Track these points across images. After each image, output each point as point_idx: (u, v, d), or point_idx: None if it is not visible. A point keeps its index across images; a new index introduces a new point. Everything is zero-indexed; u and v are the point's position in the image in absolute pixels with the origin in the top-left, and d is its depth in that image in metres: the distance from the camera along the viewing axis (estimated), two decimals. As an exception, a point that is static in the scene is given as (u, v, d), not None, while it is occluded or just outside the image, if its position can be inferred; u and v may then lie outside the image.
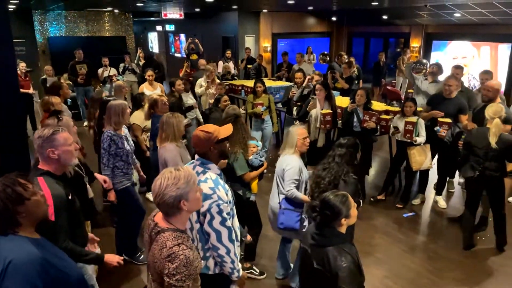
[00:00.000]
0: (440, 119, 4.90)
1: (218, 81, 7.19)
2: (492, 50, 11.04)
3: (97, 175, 3.56)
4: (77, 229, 2.45)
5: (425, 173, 5.51)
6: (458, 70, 5.53)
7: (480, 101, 4.93)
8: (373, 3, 9.50)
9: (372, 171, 6.60)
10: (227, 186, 2.35)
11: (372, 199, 5.57)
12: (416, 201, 5.51)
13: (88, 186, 3.40)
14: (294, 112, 6.08)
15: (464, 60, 11.41)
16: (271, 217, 3.67)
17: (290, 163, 3.39)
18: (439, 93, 5.26)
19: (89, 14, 13.58)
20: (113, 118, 3.74)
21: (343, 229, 2.24)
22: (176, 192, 1.77)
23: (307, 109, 5.46)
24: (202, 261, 2.27)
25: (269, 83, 8.19)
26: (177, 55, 18.04)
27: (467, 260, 4.24)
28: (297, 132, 3.47)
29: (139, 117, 4.76)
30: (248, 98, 6.43)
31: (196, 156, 2.39)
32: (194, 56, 11.09)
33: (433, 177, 5.68)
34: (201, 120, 6.32)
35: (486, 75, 5.26)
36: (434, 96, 5.33)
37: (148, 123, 4.75)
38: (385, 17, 12.47)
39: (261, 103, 6.13)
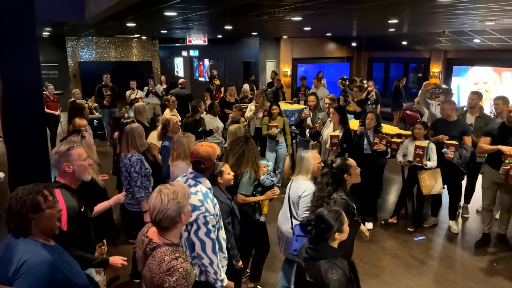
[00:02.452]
0: (446, 141, 4.93)
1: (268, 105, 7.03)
2: (514, 75, 10.91)
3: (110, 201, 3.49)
4: (86, 239, 2.62)
5: (438, 197, 5.48)
6: (473, 95, 5.51)
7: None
8: (390, 30, 9.65)
9: (384, 194, 6.61)
10: (215, 200, 2.52)
11: (383, 222, 5.57)
12: (428, 223, 5.48)
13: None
14: (307, 134, 6.22)
15: (485, 85, 11.31)
16: (281, 240, 3.61)
17: (307, 190, 3.37)
18: (441, 117, 5.32)
19: (118, 40, 14.33)
20: (138, 141, 3.87)
21: (335, 244, 2.35)
22: (177, 206, 1.87)
23: (301, 117, 5.70)
24: None
25: (284, 106, 8.38)
26: (201, 79, 18.61)
27: (474, 284, 4.17)
28: (313, 156, 3.48)
29: (155, 137, 5.00)
30: (263, 121, 6.60)
31: (190, 169, 2.56)
32: (217, 81, 11.42)
33: (447, 201, 5.65)
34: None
35: (500, 100, 5.27)
36: (438, 120, 5.37)
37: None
38: (404, 42, 12.58)
39: (276, 125, 6.26)
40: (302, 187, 3.39)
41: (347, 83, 11.00)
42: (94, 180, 3.10)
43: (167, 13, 5.80)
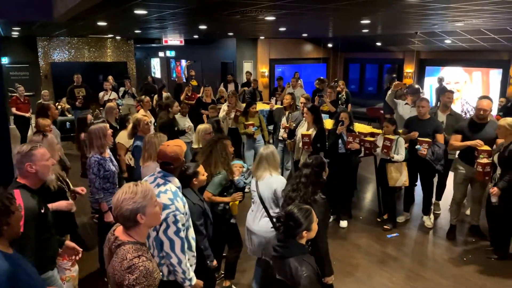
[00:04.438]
0: (419, 138, 5.01)
1: (241, 105, 7.27)
2: (483, 75, 11.24)
3: (74, 189, 3.62)
4: (46, 243, 2.53)
5: (410, 193, 5.61)
6: (451, 95, 5.71)
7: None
8: (364, 30, 9.78)
9: (359, 192, 6.68)
10: (185, 199, 2.48)
11: (378, 220, 5.63)
12: (400, 219, 5.58)
13: (71, 201, 3.50)
14: (281, 132, 6.22)
15: (457, 85, 11.60)
16: (255, 242, 3.56)
17: (281, 181, 3.44)
18: (414, 115, 5.43)
19: (91, 40, 14.02)
20: (96, 142, 3.79)
21: (303, 241, 2.35)
22: (133, 206, 1.83)
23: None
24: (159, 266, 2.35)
25: (261, 106, 8.41)
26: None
27: (445, 280, 4.24)
28: (276, 151, 3.53)
29: (123, 137, 4.89)
30: (239, 119, 6.65)
31: (158, 169, 2.50)
32: (194, 82, 11.33)
33: (419, 197, 5.75)
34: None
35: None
36: (410, 118, 5.47)
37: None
38: (379, 43, 12.79)
39: (252, 123, 6.40)
40: (276, 181, 3.41)
41: (326, 84, 11.11)
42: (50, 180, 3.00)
43: (138, 12, 5.69)
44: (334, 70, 15.64)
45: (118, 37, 14.12)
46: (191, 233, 2.52)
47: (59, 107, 10.16)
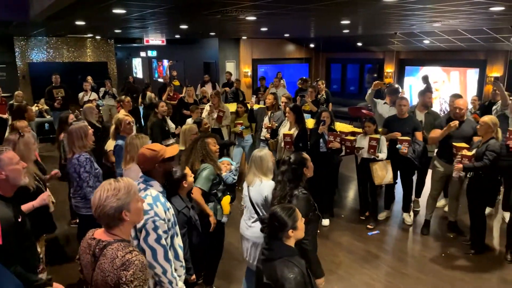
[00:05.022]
0: (399, 138, 5.09)
1: (224, 106, 7.30)
2: (461, 75, 11.49)
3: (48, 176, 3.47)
4: (27, 252, 2.40)
5: (390, 190, 5.69)
6: (431, 94, 5.85)
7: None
8: (344, 31, 9.88)
9: (340, 191, 6.74)
10: (168, 204, 2.38)
11: (362, 218, 5.68)
12: (381, 216, 5.66)
13: (50, 201, 3.42)
14: (264, 132, 6.23)
15: (435, 84, 11.82)
16: (248, 247, 3.41)
17: (272, 187, 3.27)
18: (393, 114, 5.51)
19: (70, 40, 13.76)
20: (77, 143, 3.66)
21: (291, 242, 2.25)
22: (117, 203, 1.77)
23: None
24: None
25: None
26: (160, 80, 18.27)
27: (424, 276, 4.32)
28: (270, 154, 3.42)
29: (112, 145, 4.78)
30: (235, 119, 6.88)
31: (140, 174, 2.45)
32: (177, 82, 11.24)
33: (399, 195, 5.84)
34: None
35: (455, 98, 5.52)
36: (389, 118, 5.54)
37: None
38: (359, 44, 12.93)
39: (241, 122, 6.54)
40: (265, 190, 3.29)
41: (309, 83, 11.18)
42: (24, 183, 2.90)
43: (116, 11, 5.61)
44: (317, 70, 15.74)
45: (98, 37, 13.89)
46: (178, 241, 2.42)
47: (36, 108, 9.94)
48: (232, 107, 7.72)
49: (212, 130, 7.13)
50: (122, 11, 5.70)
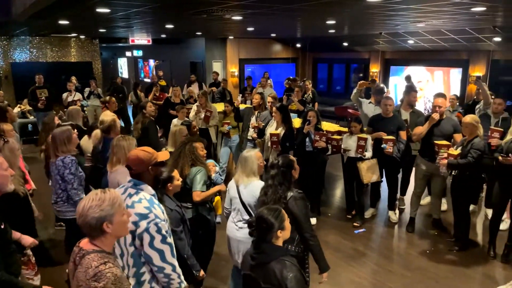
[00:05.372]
0: (384, 137, 5.14)
1: (211, 105, 7.29)
2: (444, 74, 11.68)
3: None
4: (8, 258, 2.37)
5: (376, 189, 5.76)
6: (416, 93, 5.98)
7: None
8: (330, 31, 9.94)
9: (327, 190, 6.78)
10: (162, 206, 2.36)
11: (348, 216, 5.71)
12: (367, 214, 5.73)
13: (33, 205, 3.35)
14: (251, 132, 6.23)
15: (420, 84, 11.99)
16: (241, 250, 3.30)
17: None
18: (377, 113, 5.58)
19: (54, 39, 13.55)
20: (60, 148, 3.61)
21: (280, 242, 2.27)
22: (100, 214, 1.74)
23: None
24: (136, 286, 2.24)
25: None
26: (146, 80, 18.12)
27: (409, 273, 4.38)
28: (257, 156, 3.39)
29: (91, 146, 4.70)
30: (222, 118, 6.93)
31: (128, 178, 2.40)
32: (163, 82, 11.16)
33: (384, 193, 5.91)
34: None
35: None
36: (373, 117, 5.60)
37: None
38: (345, 44, 13.04)
39: (228, 122, 6.55)
40: (257, 191, 3.24)
41: (298, 83, 11.22)
42: (14, 190, 2.85)
43: (100, 10, 5.54)
44: (303, 70, 15.82)
45: (82, 36, 13.71)
46: (171, 241, 2.42)
47: (18, 109, 9.76)
48: (219, 107, 7.72)
49: (199, 130, 7.11)
50: (106, 10, 5.64)
